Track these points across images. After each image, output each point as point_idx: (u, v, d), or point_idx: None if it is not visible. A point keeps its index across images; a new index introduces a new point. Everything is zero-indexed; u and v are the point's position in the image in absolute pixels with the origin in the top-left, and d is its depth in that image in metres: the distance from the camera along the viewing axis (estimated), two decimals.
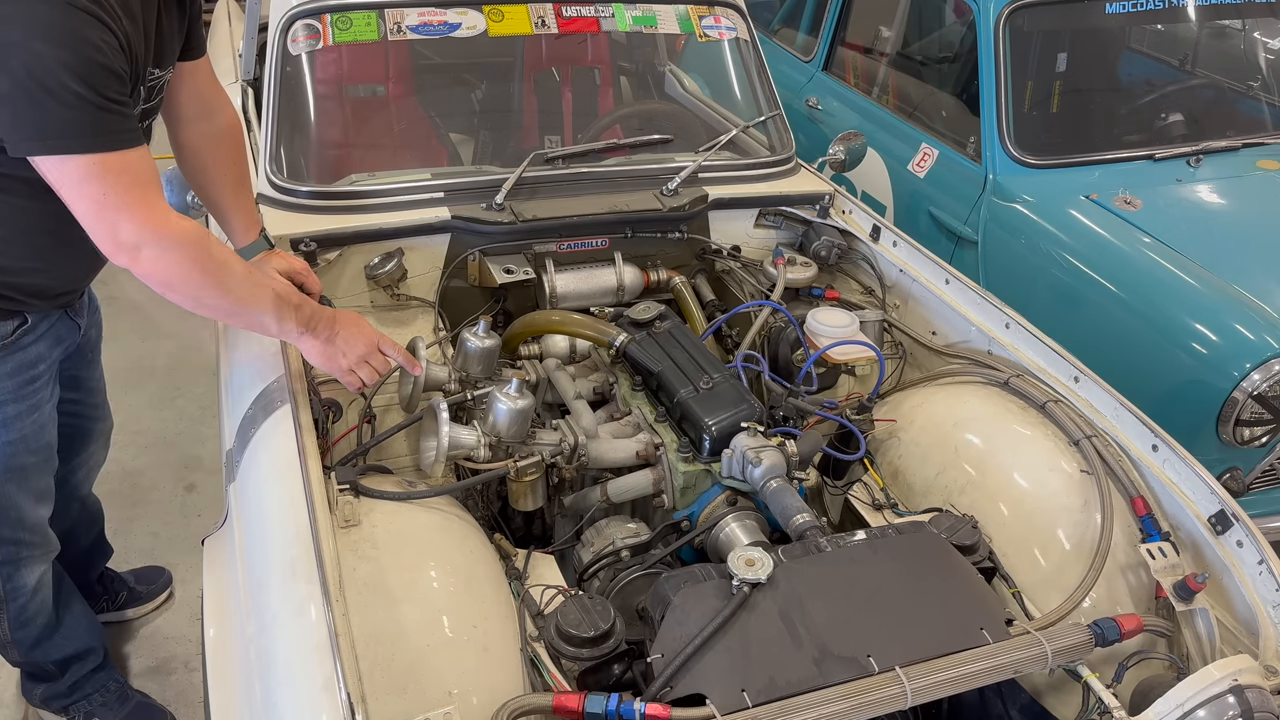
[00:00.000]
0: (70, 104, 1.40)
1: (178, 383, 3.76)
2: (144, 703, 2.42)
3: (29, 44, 1.36)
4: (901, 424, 2.01)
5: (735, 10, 2.71)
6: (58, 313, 1.90)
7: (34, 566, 2.09)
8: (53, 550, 2.14)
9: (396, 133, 2.84)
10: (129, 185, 1.48)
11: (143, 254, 1.52)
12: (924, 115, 3.50)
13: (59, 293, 1.86)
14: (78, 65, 1.39)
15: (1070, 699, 1.55)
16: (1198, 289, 2.57)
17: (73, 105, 1.40)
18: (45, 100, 1.38)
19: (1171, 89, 3.46)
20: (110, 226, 1.49)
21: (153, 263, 1.53)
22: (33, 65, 1.37)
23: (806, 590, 1.44)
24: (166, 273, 1.55)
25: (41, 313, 1.84)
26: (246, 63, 3.06)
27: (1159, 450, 1.77)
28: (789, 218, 2.52)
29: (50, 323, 1.87)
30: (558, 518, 1.98)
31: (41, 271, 1.79)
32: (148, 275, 1.55)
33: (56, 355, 1.92)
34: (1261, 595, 1.57)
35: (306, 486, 1.46)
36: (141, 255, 1.52)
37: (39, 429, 1.92)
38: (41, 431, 1.93)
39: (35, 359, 1.85)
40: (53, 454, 2.01)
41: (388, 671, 1.32)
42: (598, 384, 2.09)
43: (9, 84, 1.37)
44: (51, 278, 1.82)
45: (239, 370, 1.91)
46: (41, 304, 1.83)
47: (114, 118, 1.47)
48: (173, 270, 1.55)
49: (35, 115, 1.40)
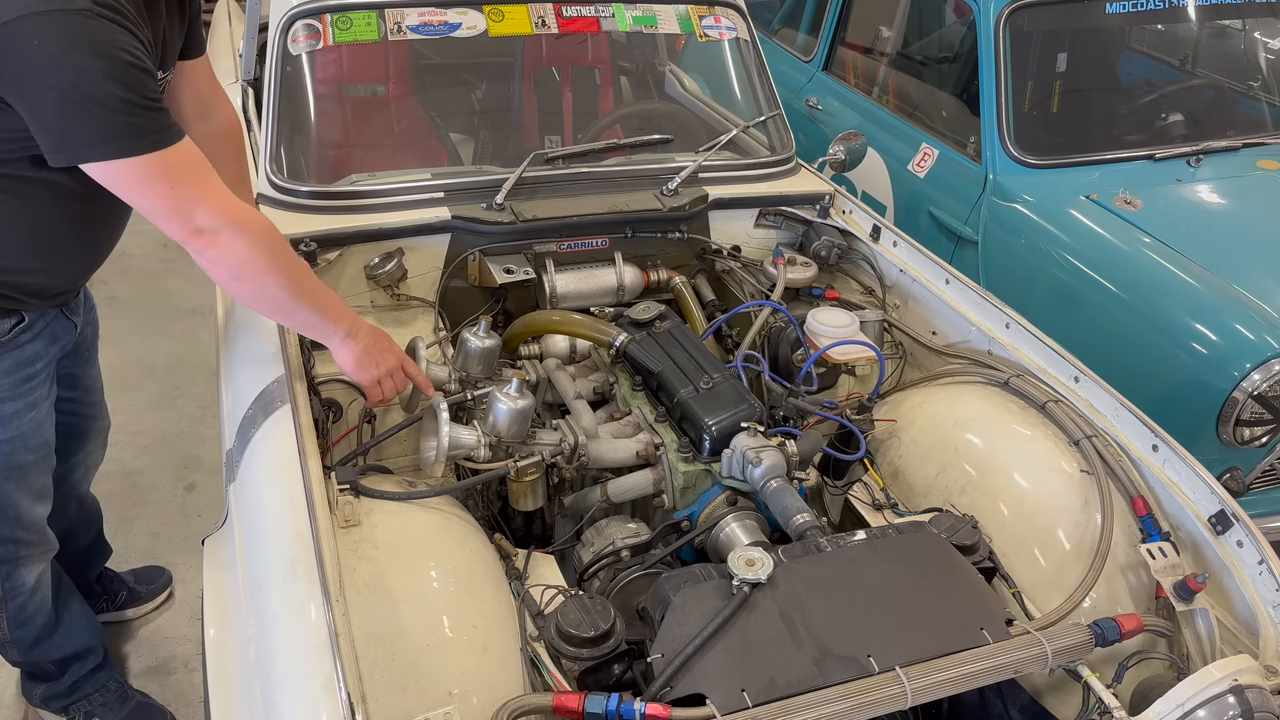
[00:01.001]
0: (118, 109, 1.44)
1: (178, 383, 3.76)
2: (144, 703, 2.42)
3: (69, 57, 1.40)
4: (901, 424, 2.01)
5: (735, 10, 2.71)
6: (54, 311, 1.90)
7: (32, 565, 2.09)
8: (51, 549, 2.14)
9: (396, 133, 2.83)
10: (192, 176, 1.54)
11: (220, 239, 1.56)
12: (924, 115, 3.50)
13: (56, 292, 1.87)
14: (118, 71, 1.43)
15: (1070, 699, 1.55)
16: (1198, 289, 2.57)
17: (121, 110, 1.44)
18: (94, 109, 1.43)
19: (1172, 89, 3.46)
20: (185, 217, 1.54)
21: (228, 246, 1.57)
22: (77, 78, 1.41)
23: (806, 590, 1.44)
24: (240, 258, 1.58)
25: (38, 311, 1.85)
26: (246, 63, 3.06)
27: (1159, 450, 1.77)
28: (789, 218, 2.52)
29: (47, 321, 1.88)
30: (558, 518, 1.98)
31: (40, 271, 1.79)
32: (220, 260, 1.58)
33: (53, 354, 1.92)
34: (1261, 595, 1.57)
35: (306, 486, 1.46)
36: (219, 240, 1.56)
37: (36, 427, 1.93)
38: (39, 430, 1.94)
39: (32, 357, 1.86)
40: (51, 453, 2.02)
41: (388, 671, 1.32)
42: (598, 384, 2.09)
43: (55, 98, 1.42)
44: (50, 278, 1.83)
45: (239, 370, 1.91)
46: (39, 303, 1.84)
47: (160, 115, 1.51)
48: (245, 255, 1.58)
49: (87, 124, 1.45)
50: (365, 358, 1.76)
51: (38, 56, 1.39)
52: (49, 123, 1.46)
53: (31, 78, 1.41)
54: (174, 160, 1.51)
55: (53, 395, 1.97)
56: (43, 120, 1.46)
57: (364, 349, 1.76)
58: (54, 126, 1.46)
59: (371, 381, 1.78)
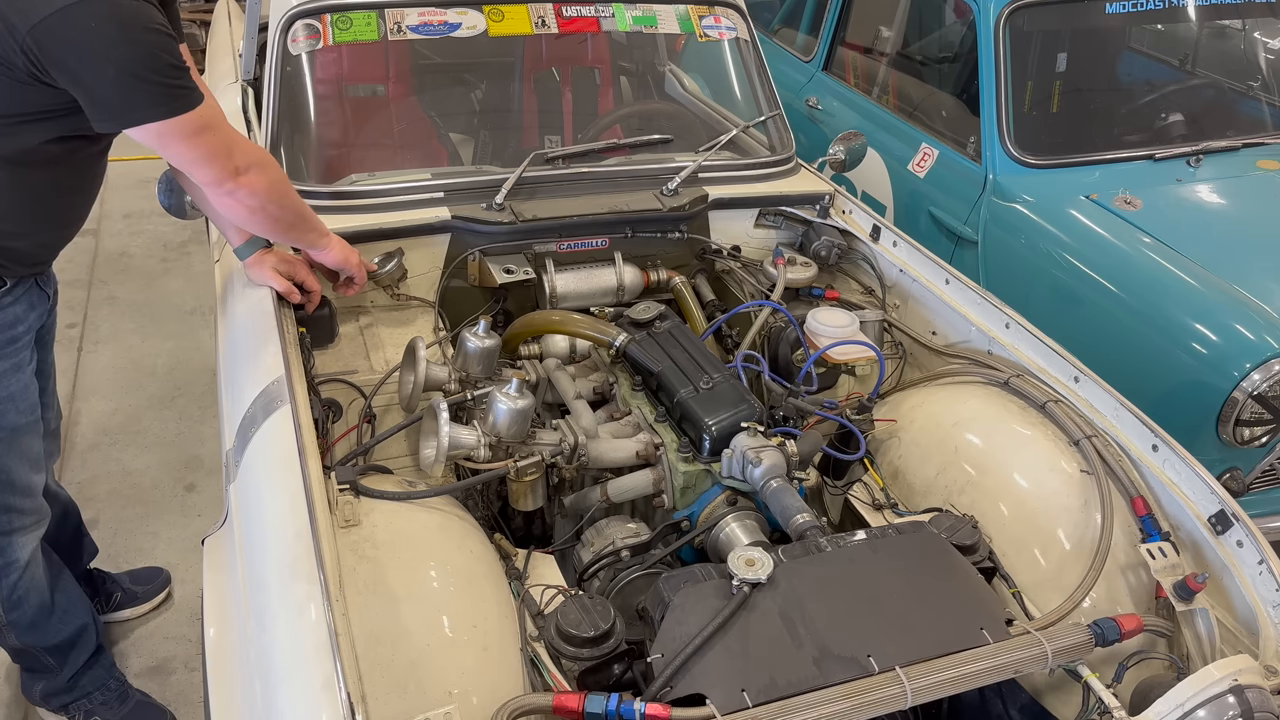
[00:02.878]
0: (168, 75, 1.62)
1: (178, 383, 3.76)
2: (144, 702, 2.43)
3: (127, 34, 1.56)
4: (901, 424, 2.01)
5: (735, 10, 2.71)
6: (30, 280, 1.96)
7: (25, 537, 2.10)
8: (44, 519, 2.15)
9: (396, 133, 2.83)
10: (222, 123, 1.75)
11: (250, 174, 1.76)
12: (924, 115, 3.50)
13: (35, 261, 1.95)
14: (163, 43, 1.61)
15: (1070, 699, 1.54)
16: (1198, 289, 2.57)
17: (170, 75, 1.62)
18: (152, 76, 1.60)
19: (1171, 89, 3.46)
20: (225, 159, 1.74)
21: (258, 178, 1.78)
22: (133, 51, 1.58)
23: (806, 590, 1.44)
24: (266, 187, 1.80)
25: (18, 276, 1.91)
26: (246, 63, 3.06)
27: (1159, 450, 1.77)
28: (789, 218, 2.52)
29: (25, 288, 1.94)
30: (558, 518, 1.98)
31: (24, 236, 1.87)
32: (254, 193, 1.78)
33: (32, 320, 1.98)
34: (1261, 595, 1.57)
35: (306, 486, 1.46)
36: (250, 176, 1.76)
37: (24, 388, 1.98)
38: (27, 390, 1.99)
39: (14, 320, 1.92)
40: (39, 417, 2.05)
41: (388, 671, 1.32)
42: (598, 384, 2.09)
43: (114, 71, 1.57)
44: (31, 243, 1.91)
45: (239, 370, 1.90)
46: (18, 269, 1.91)
47: (189, 76, 1.69)
48: (270, 185, 1.81)
49: (145, 91, 1.60)
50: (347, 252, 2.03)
51: (97, 37, 1.54)
52: (106, 95, 1.60)
53: (91, 56, 1.56)
54: (208, 113, 1.70)
55: (34, 362, 2.03)
56: (100, 93, 1.60)
57: (342, 247, 2.02)
58: (111, 97, 1.60)
59: (357, 263, 2.03)
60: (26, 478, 2.04)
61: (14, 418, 1.97)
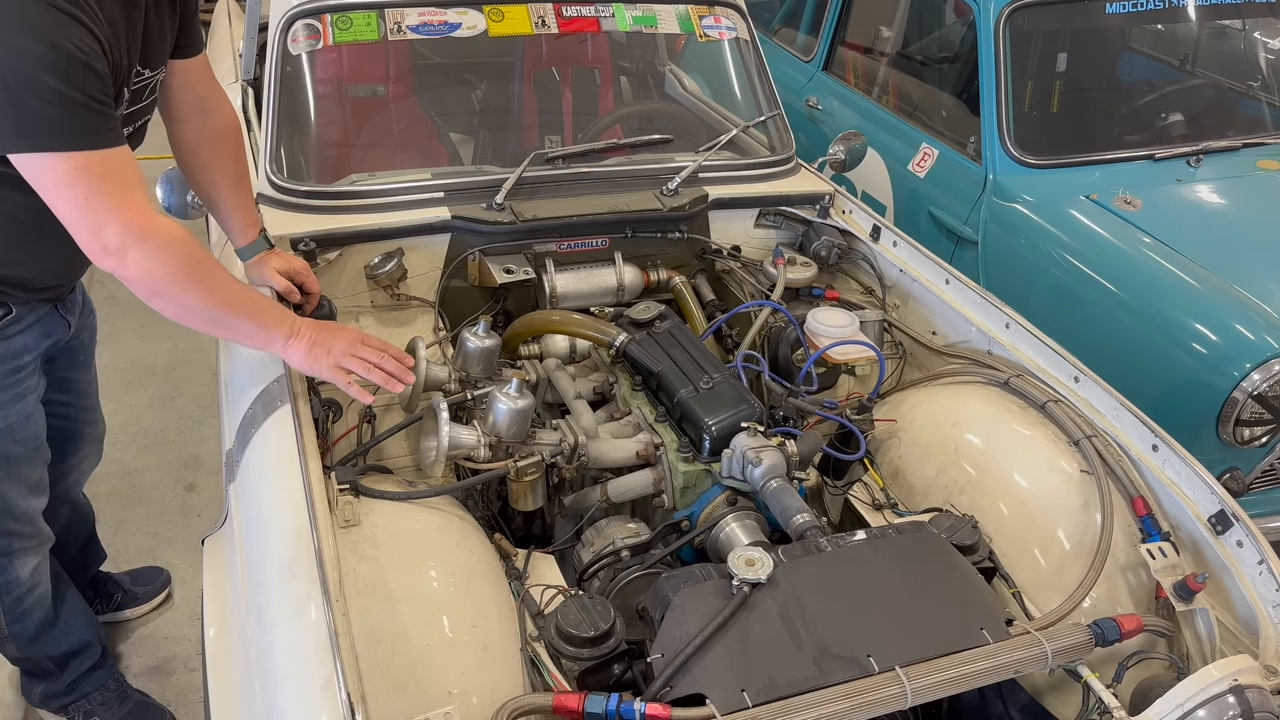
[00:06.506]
0: (51, 101, 1.39)
1: (178, 383, 3.76)
2: (144, 702, 2.42)
3: (10, 41, 1.36)
4: (901, 424, 2.01)
5: (735, 10, 2.71)
6: (46, 307, 1.90)
7: (26, 558, 2.08)
8: (46, 542, 2.13)
9: (396, 133, 2.84)
10: (113, 187, 1.47)
11: (129, 256, 1.50)
12: (924, 115, 3.50)
13: (43, 287, 1.87)
14: (58, 62, 1.39)
15: (1070, 699, 1.54)
16: (1198, 289, 2.57)
17: (53, 103, 1.40)
18: (25, 97, 1.38)
19: (1171, 89, 3.46)
20: (95, 229, 1.48)
21: (138, 265, 1.51)
22: (13, 63, 1.37)
23: (806, 590, 1.44)
24: (152, 275, 1.53)
25: (28, 305, 1.85)
26: (246, 63, 3.06)
27: (1159, 450, 1.77)
28: (789, 218, 2.52)
29: (38, 316, 1.88)
30: (558, 518, 1.98)
31: (21, 264, 1.78)
32: (134, 279, 1.54)
33: (43, 348, 1.92)
34: (1261, 595, 1.57)
35: (306, 486, 1.46)
36: (128, 258, 1.50)
37: (24, 419, 1.92)
38: (27, 421, 1.93)
39: (20, 350, 1.86)
40: (42, 445, 2.01)
41: (388, 671, 1.32)
42: (598, 384, 2.09)
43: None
44: (32, 270, 1.81)
45: (239, 370, 1.91)
46: (26, 296, 1.84)
47: (96, 116, 1.46)
48: (158, 273, 1.53)
49: (15, 112, 1.40)
50: (314, 349, 1.69)
51: None
52: None
53: None
54: (96, 166, 1.45)
55: (41, 388, 1.96)
56: None
57: (310, 342, 1.69)
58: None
59: (332, 370, 1.69)
60: (24, 504, 2.01)
61: (11, 447, 1.91)
